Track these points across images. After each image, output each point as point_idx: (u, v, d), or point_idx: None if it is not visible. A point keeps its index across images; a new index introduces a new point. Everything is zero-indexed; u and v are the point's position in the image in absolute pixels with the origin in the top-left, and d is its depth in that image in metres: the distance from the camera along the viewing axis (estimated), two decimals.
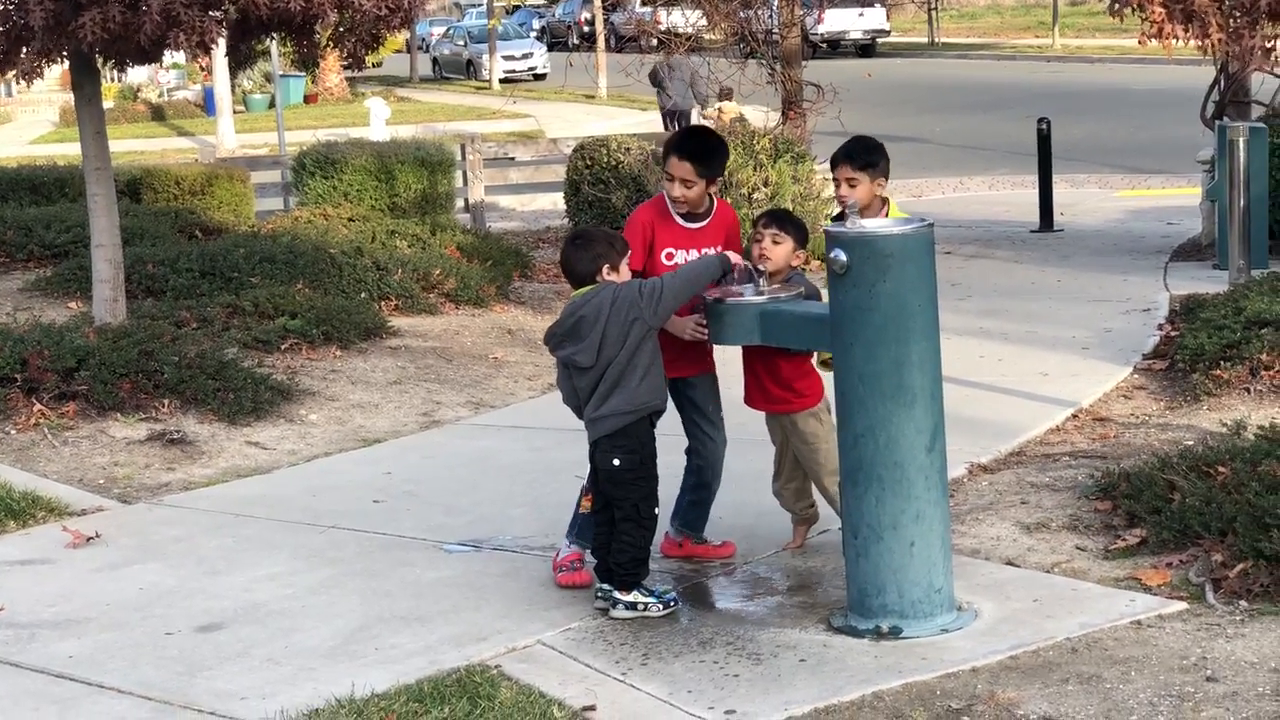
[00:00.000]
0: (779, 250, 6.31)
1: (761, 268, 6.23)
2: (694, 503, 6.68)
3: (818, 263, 12.09)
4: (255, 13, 9.24)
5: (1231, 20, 8.63)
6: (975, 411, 8.75)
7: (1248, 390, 8.70)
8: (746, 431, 6.86)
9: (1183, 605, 5.78)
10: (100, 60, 10.36)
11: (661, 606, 6.01)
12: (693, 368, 6.48)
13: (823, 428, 6.42)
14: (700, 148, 6.44)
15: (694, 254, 6.38)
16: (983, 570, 6.31)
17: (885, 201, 6.56)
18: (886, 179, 6.58)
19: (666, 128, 27.58)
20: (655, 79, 26.12)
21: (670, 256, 6.38)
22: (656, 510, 6.09)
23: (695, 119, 25.17)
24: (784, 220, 6.42)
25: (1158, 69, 33.05)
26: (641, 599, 6.01)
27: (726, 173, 14.13)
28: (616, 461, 6.02)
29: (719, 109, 24.42)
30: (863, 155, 6.52)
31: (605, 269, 6.04)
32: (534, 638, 5.87)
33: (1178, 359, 9.52)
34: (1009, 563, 6.42)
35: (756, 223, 6.43)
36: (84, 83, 10.39)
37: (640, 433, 6.04)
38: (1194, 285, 12.09)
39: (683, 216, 6.43)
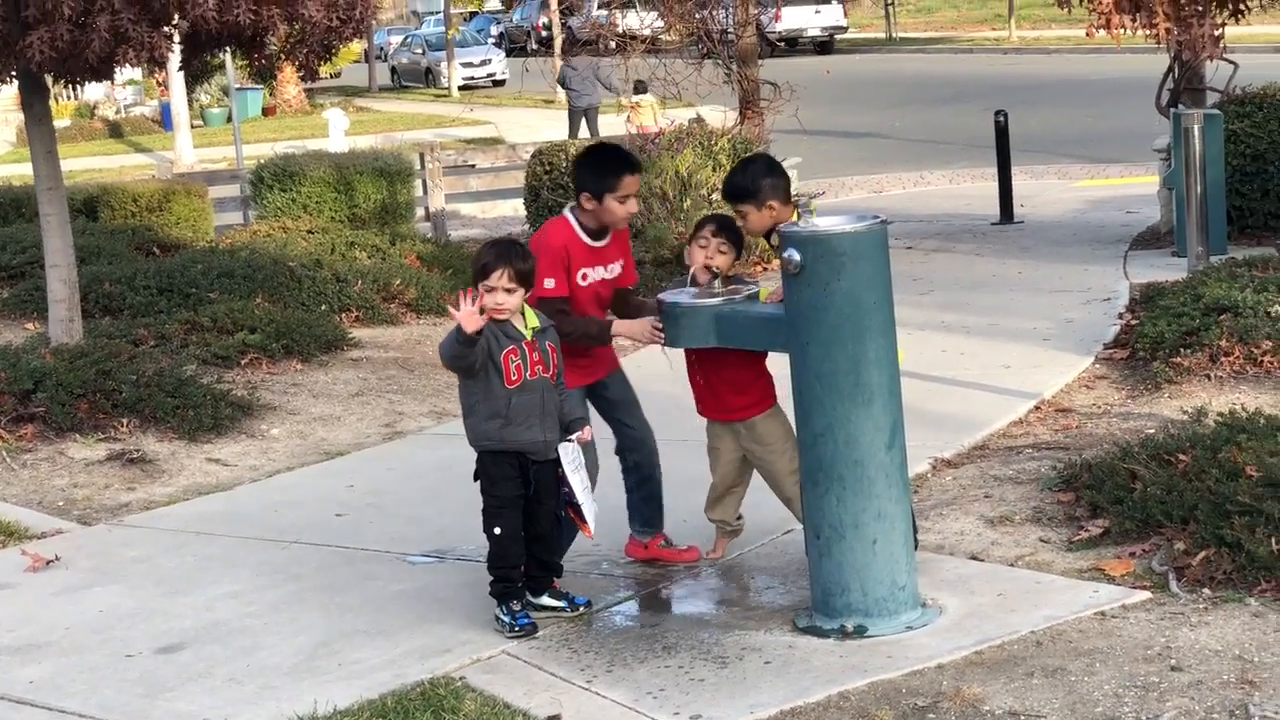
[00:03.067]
0: (724, 260, 6.32)
1: (715, 270, 6.22)
2: (645, 499, 6.67)
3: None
4: (205, 27, 9.18)
5: (1180, 9, 8.64)
6: (938, 406, 8.75)
7: (1208, 377, 8.72)
8: (702, 434, 6.81)
9: (1146, 595, 5.78)
10: (51, 79, 10.29)
11: (509, 629, 5.94)
12: (604, 369, 6.54)
13: (781, 428, 6.38)
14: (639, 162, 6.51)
15: (601, 270, 6.39)
16: (947, 566, 6.30)
17: (794, 209, 6.45)
18: (779, 200, 6.35)
19: (572, 128, 28.49)
20: (563, 82, 28.31)
21: (585, 277, 6.37)
22: (496, 531, 5.97)
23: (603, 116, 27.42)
24: (732, 231, 6.40)
25: (1114, 58, 33.15)
26: (499, 614, 6.00)
27: (686, 173, 14.19)
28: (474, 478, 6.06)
29: (635, 102, 25.34)
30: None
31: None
32: (499, 648, 5.84)
33: (1138, 348, 9.53)
34: (973, 557, 6.41)
35: (702, 226, 6.41)
36: (34, 102, 10.31)
37: (485, 461, 6.01)
38: (1153, 273, 12.12)
39: (590, 235, 6.39)
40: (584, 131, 28.08)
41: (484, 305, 5.79)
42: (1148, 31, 8.50)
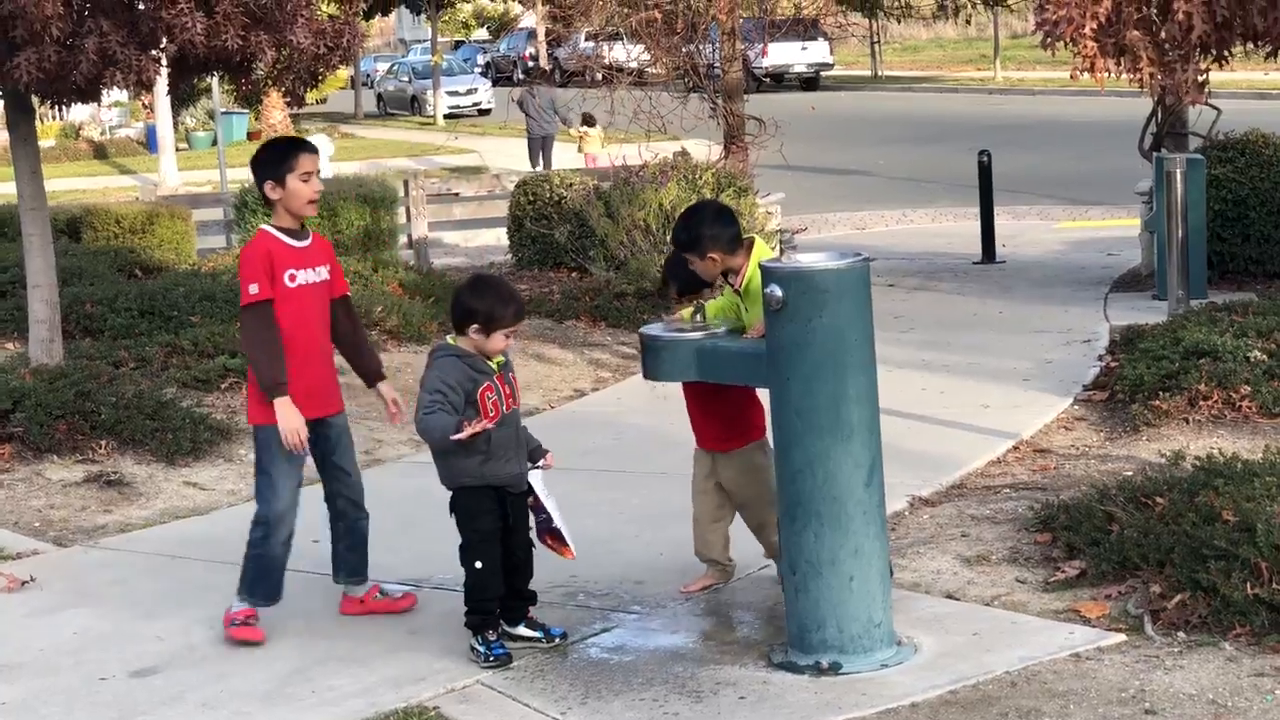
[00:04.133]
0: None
1: (698, 303, 6.26)
2: (352, 547, 6.65)
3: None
4: (193, 51, 9.19)
5: (1164, 54, 8.71)
6: (917, 444, 8.76)
7: (1186, 420, 8.75)
8: (689, 467, 6.82)
9: (1121, 637, 5.79)
10: (37, 100, 10.28)
11: (484, 659, 5.94)
12: (335, 406, 6.56)
13: (768, 459, 6.41)
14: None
15: (310, 273, 6.39)
16: (923, 604, 6.31)
17: (748, 252, 6.43)
18: (721, 250, 6.34)
19: (531, 154, 30.07)
20: (521, 107, 29.47)
21: (294, 278, 6.36)
22: (477, 565, 5.98)
23: (557, 143, 29.08)
24: (680, 274, 6.53)
25: (1098, 101, 33.31)
26: (474, 644, 6.00)
27: (670, 206, 14.21)
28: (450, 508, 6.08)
29: (583, 132, 27.55)
30: (678, 241, 6.45)
31: (474, 328, 5.97)
32: (474, 678, 5.83)
33: (1117, 390, 9.56)
34: (949, 596, 6.42)
35: (665, 284, 6.51)
36: (19, 122, 10.31)
37: (464, 497, 6.01)
38: (1134, 316, 12.16)
39: (290, 235, 6.42)
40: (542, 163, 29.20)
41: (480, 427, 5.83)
42: (1132, 76, 8.56)
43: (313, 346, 6.41)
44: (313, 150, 6.58)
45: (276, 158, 6.47)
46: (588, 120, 27.03)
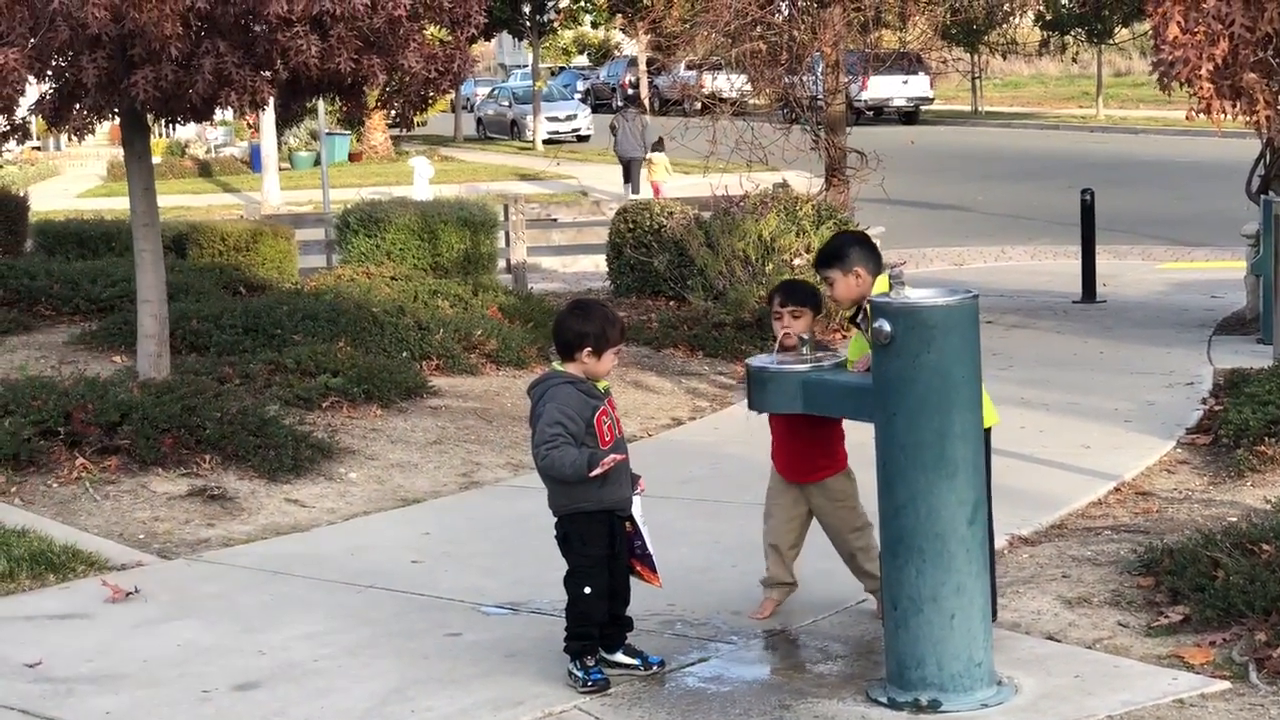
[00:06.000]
0: (800, 324, 6.43)
1: (792, 341, 6.29)
2: None
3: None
4: (306, 74, 9.32)
5: None
6: (1016, 482, 8.70)
7: None
8: None
9: (1226, 684, 5.72)
10: (151, 117, 10.45)
11: (582, 684, 5.94)
12: None
13: (851, 485, 6.59)
14: None
15: None
16: (1023, 644, 6.26)
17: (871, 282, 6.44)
18: (868, 270, 6.42)
19: (625, 174, 32.63)
20: (613, 129, 32.82)
21: None
22: (586, 590, 5.97)
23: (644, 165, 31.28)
24: (800, 294, 6.55)
25: (1203, 141, 33.00)
26: (572, 669, 6.01)
27: (769, 237, 14.22)
28: (557, 533, 6.10)
29: (650, 159, 30.22)
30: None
31: (586, 351, 5.98)
32: (570, 703, 5.85)
33: (1221, 434, 9.46)
34: (1050, 637, 6.37)
35: (771, 299, 6.53)
36: (134, 139, 10.48)
37: (579, 522, 6.01)
38: (1238, 359, 12.02)
39: None
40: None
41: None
42: (1248, 118, 8.49)
43: None
44: None
45: None
46: (657, 146, 28.98)
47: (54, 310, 13.19)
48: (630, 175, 31.96)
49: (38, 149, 43.26)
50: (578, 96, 58.67)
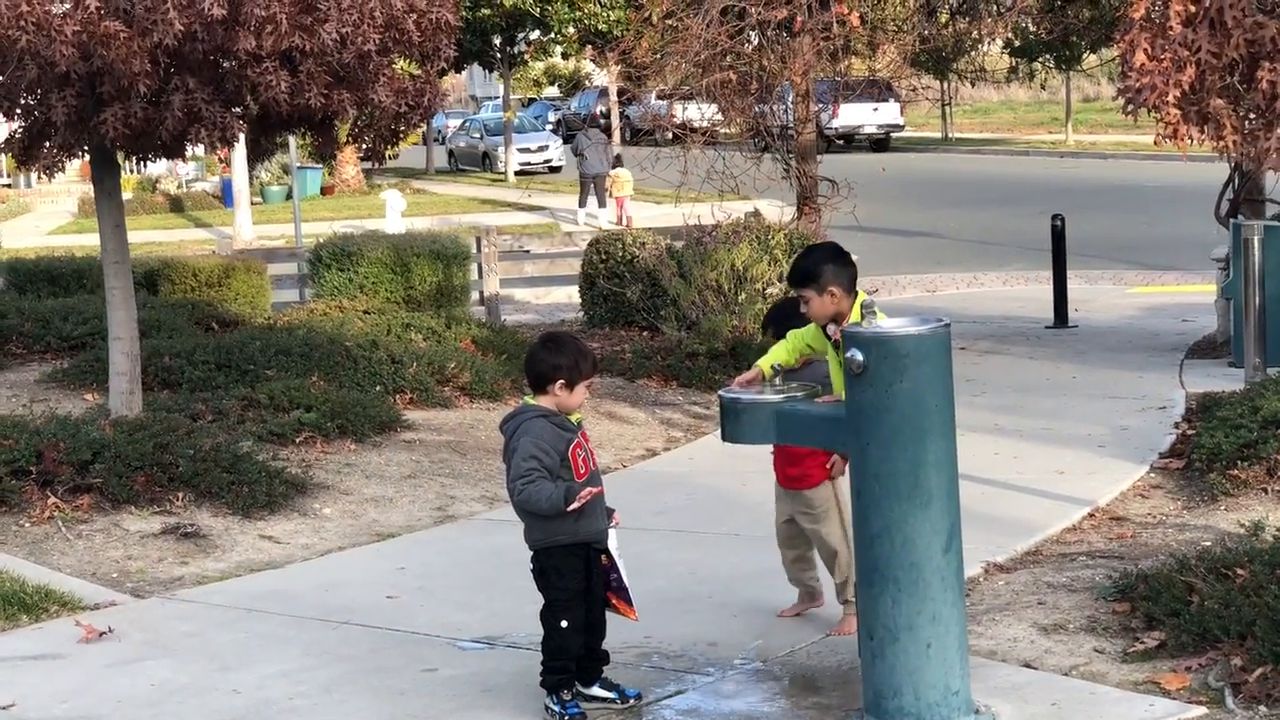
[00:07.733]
0: (784, 353, 6.49)
1: (776, 366, 6.29)
2: None
3: None
4: (276, 109, 9.31)
5: (1247, 122, 8.69)
6: (991, 510, 8.72)
7: (1265, 490, 8.67)
8: (761, 528, 6.84)
9: (1202, 710, 5.73)
10: (121, 154, 10.43)
11: (558, 718, 5.92)
12: None
13: (838, 496, 6.70)
14: None
15: None
16: (1000, 672, 6.26)
17: (853, 302, 6.43)
18: (842, 288, 6.38)
19: (582, 192, 34.29)
20: (576, 150, 34.61)
21: None
22: (563, 624, 5.97)
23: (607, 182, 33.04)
24: (784, 324, 6.63)
25: (1171, 165, 33.16)
26: (549, 703, 5.99)
27: (742, 266, 14.24)
28: (533, 567, 6.08)
29: (614, 175, 32.55)
30: (798, 273, 6.46)
31: (558, 384, 5.97)
32: None
33: (1194, 458, 9.49)
34: (1026, 665, 6.37)
35: (765, 330, 6.58)
36: (104, 176, 10.46)
37: (555, 556, 5.99)
38: (1210, 383, 12.07)
39: None
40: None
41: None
42: (1215, 143, 8.55)
43: None
44: None
45: None
46: (618, 162, 31.57)
47: (25, 349, 13.13)
48: (596, 191, 33.48)
49: (8, 186, 43.18)
50: (549, 128, 58.78)
